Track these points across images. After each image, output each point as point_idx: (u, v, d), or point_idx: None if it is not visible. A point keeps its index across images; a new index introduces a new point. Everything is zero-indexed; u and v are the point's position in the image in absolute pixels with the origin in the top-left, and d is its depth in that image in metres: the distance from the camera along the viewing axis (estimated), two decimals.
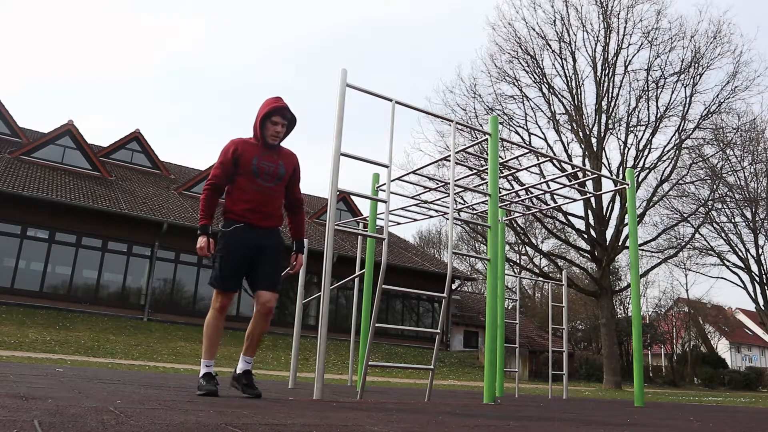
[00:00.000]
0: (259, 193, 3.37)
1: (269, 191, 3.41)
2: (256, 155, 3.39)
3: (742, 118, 22.23)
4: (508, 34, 22.12)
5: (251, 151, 3.39)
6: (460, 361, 21.59)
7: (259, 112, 3.43)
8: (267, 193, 3.40)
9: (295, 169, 3.57)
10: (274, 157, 3.46)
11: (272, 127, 3.41)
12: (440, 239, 46.76)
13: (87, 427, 1.54)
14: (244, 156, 3.36)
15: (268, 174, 3.40)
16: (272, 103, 3.42)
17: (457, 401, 4.75)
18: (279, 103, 3.43)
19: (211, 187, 3.40)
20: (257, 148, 3.42)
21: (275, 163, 3.44)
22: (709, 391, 24.23)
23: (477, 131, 14.43)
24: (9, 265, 16.84)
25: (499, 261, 6.85)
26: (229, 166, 3.38)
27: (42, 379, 3.81)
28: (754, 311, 33.56)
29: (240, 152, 3.37)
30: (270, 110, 3.39)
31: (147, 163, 24.45)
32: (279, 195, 3.48)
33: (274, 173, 3.42)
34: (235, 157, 3.36)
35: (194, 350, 14.22)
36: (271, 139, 3.43)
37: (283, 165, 3.47)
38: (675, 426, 3.18)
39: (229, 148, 3.40)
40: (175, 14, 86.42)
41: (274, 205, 3.45)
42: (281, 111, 3.42)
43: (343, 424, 2.06)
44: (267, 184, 3.40)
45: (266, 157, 3.42)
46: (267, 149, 3.44)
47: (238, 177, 3.38)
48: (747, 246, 27.60)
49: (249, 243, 3.34)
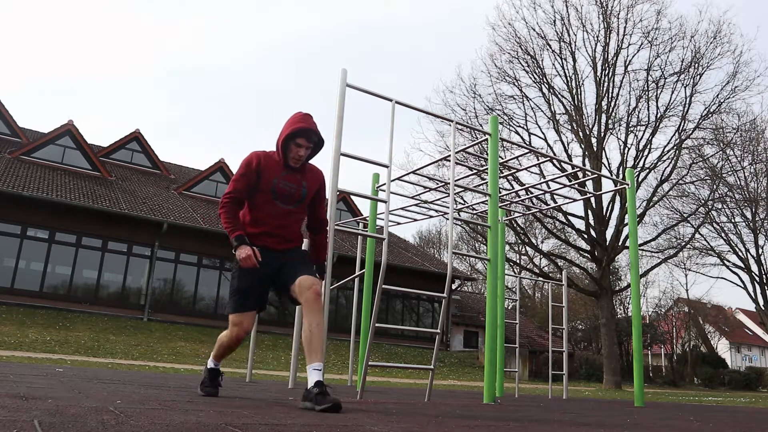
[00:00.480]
0: (276, 216, 3.10)
1: (288, 214, 3.14)
2: (277, 175, 3.09)
3: (742, 118, 22.25)
4: (508, 34, 22.14)
5: (273, 168, 3.09)
6: (460, 361, 21.59)
7: (284, 129, 3.10)
8: (285, 216, 3.13)
9: (320, 187, 3.27)
10: (297, 177, 3.15)
11: (295, 149, 3.07)
12: (440, 239, 46.78)
13: (87, 427, 1.54)
14: (266, 173, 3.07)
15: (288, 196, 3.11)
16: (298, 123, 3.07)
17: (457, 401, 4.75)
18: (305, 123, 3.07)
19: (231, 200, 3.07)
20: (279, 167, 3.11)
21: (297, 184, 3.14)
22: (709, 391, 24.23)
23: (477, 131, 14.43)
24: (9, 265, 16.84)
25: (499, 261, 6.86)
26: (253, 178, 3.06)
27: (42, 379, 3.81)
28: (754, 311, 33.56)
29: (263, 167, 3.07)
30: (294, 131, 3.04)
31: (147, 163, 24.46)
32: (298, 218, 3.21)
33: (295, 195, 3.14)
34: (258, 171, 3.06)
35: (194, 350, 14.22)
36: (292, 162, 3.10)
37: (306, 186, 3.17)
38: (675, 426, 3.18)
39: (252, 160, 3.08)
40: (175, 14, 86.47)
41: (292, 228, 3.18)
42: (307, 133, 3.07)
43: (343, 424, 2.06)
44: (286, 207, 3.12)
45: (288, 177, 3.12)
46: (289, 169, 3.13)
47: (257, 194, 3.09)
48: (747, 246, 27.62)
49: (267, 264, 3.06)
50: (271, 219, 3.10)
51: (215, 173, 23.94)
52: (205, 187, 23.62)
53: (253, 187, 3.09)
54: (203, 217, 20.26)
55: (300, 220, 3.24)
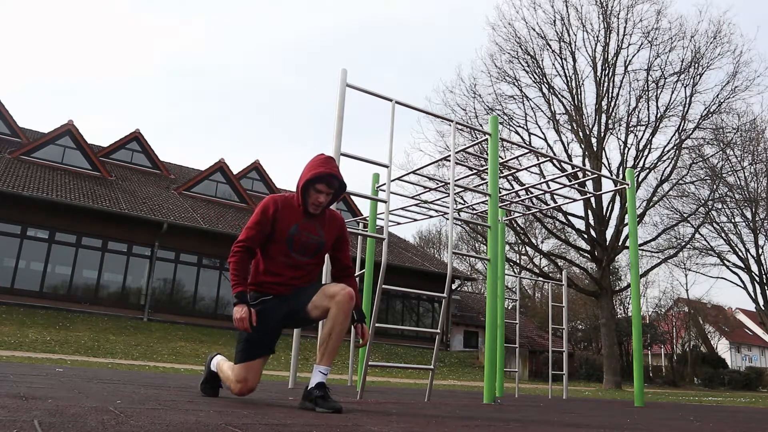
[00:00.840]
0: (291, 268, 2.95)
1: (303, 266, 2.98)
2: (295, 223, 2.94)
3: (742, 118, 22.28)
4: (508, 34, 22.17)
5: (291, 216, 2.94)
6: (460, 361, 21.60)
7: (304, 173, 2.95)
8: (300, 268, 2.97)
9: (341, 233, 3.11)
10: (316, 227, 2.99)
11: (315, 195, 2.92)
12: (440, 239, 46.78)
13: (87, 427, 1.54)
14: (283, 221, 2.92)
15: (304, 247, 2.95)
16: (318, 168, 2.92)
17: (457, 401, 4.75)
18: (326, 168, 2.92)
19: (243, 249, 2.88)
20: (298, 215, 2.96)
21: (316, 234, 2.98)
22: (709, 391, 24.23)
23: (477, 131, 14.43)
24: (9, 265, 16.84)
25: (499, 261, 6.86)
26: (267, 227, 2.91)
27: (42, 379, 3.81)
28: (754, 311, 33.57)
29: (279, 215, 2.92)
30: (314, 177, 2.89)
31: (147, 163, 24.46)
32: (314, 269, 3.05)
33: (313, 247, 2.98)
34: (274, 219, 2.91)
35: (194, 350, 14.23)
36: (312, 208, 2.95)
37: (324, 235, 3.01)
38: (675, 426, 3.18)
39: (269, 206, 2.93)
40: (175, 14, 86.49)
41: (307, 279, 3.01)
42: (327, 179, 2.92)
43: (343, 424, 2.06)
44: (302, 258, 2.96)
45: (306, 226, 2.96)
46: (308, 216, 2.98)
47: (271, 244, 2.93)
48: (747, 246, 27.63)
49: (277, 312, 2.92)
50: (285, 270, 2.94)
51: (215, 173, 23.94)
52: (205, 187, 23.62)
53: (267, 235, 2.93)
54: (203, 217, 20.26)
55: (316, 271, 3.09)
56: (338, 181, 2.98)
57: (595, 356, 27.02)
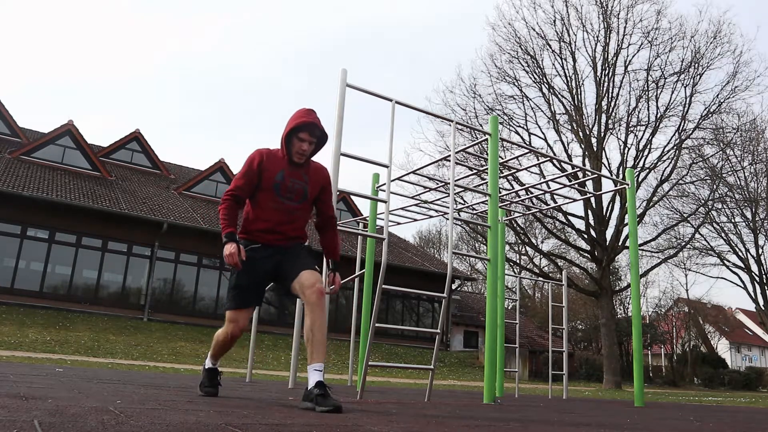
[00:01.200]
0: (279, 213, 3.07)
1: (291, 211, 3.11)
2: (281, 170, 3.08)
3: (742, 118, 22.28)
4: (508, 34, 22.17)
5: (277, 165, 3.09)
6: (460, 361, 21.60)
7: (287, 124, 3.10)
8: (289, 213, 3.10)
9: (324, 185, 3.24)
10: (302, 174, 3.14)
11: (298, 143, 3.06)
12: (440, 239, 46.77)
13: (87, 427, 1.54)
14: (269, 170, 3.07)
15: (291, 192, 3.09)
16: (301, 117, 3.07)
17: (457, 401, 4.75)
18: (309, 117, 3.07)
19: (232, 197, 3.05)
20: (283, 163, 3.10)
21: (302, 181, 3.13)
22: (709, 391, 24.23)
23: (477, 131, 14.42)
24: (9, 265, 16.84)
25: (499, 261, 6.86)
26: (254, 178, 3.06)
27: (42, 379, 3.81)
28: (754, 311, 33.57)
29: (266, 165, 3.07)
30: (297, 125, 3.04)
31: (147, 163, 24.45)
32: (302, 215, 3.17)
33: (299, 192, 3.11)
34: (260, 170, 3.06)
35: (194, 350, 14.22)
36: (296, 157, 3.09)
37: (309, 182, 3.15)
38: (675, 426, 3.18)
39: (254, 158, 3.08)
40: (175, 14, 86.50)
41: (295, 225, 3.13)
42: (310, 127, 3.05)
43: (343, 424, 2.06)
44: (290, 203, 3.10)
45: (292, 173, 3.10)
46: (293, 165, 3.12)
47: (259, 192, 3.08)
48: (747, 246, 27.63)
49: (266, 263, 3.05)
50: (273, 216, 3.07)
51: (215, 173, 23.95)
52: (205, 187, 23.62)
53: (255, 186, 3.08)
54: (203, 217, 20.26)
55: (304, 218, 3.20)
56: (320, 130, 3.11)
57: (595, 356, 27.02)
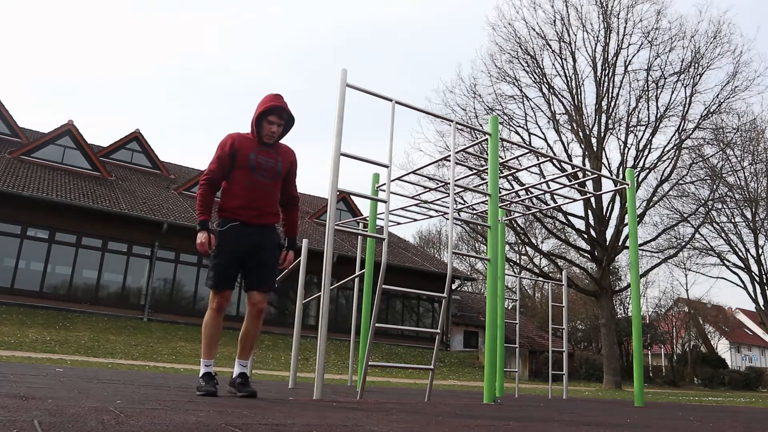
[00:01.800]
0: (254, 189, 3.31)
1: (265, 187, 3.35)
2: (253, 150, 3.34)
3: (742, 118, 22.27)
4: (508, 34, 22.16)
5: (249, 146, 3.34)
6: (460, 361, 21.59)
7: (257, 109, 3.36)
8: (262, 189, 3.34)
9: (292, 165, 3.51)
10: (272, 153, 3.40)
11: (268, 126, 3.33)
12: (440, 239, 46.77)
13: (87, 427, 1.54)
14: (242, 150, 3.31)
15: (265, 170, 3.34)
16: (269, 102, 3.34)
17: (457, 401, 4.75)
18: (276, 102, 3.35)
19: (207, 181, 3.35)
20: (255, 144, 3.37)
21: (273, 159, 3.38)
22: (709, 391, 24.23)
23: (477, 131, 14.42)
24: (9, 265, 16.84)
25: (499, 261, 6.85)
26: (226, 161, 3.33)
27: (42, 379, 3.81)
28: (754, 311, 33.56)
29: (237, 146, 3.32)
30: (266, 109, 3.32)
31: (147, 163, 24.44)
32: (275, 191, 3.43)
33: (272, 169, 3.37)
34: (233, 152, 3.31)
35: (194, 350, 14.23)
36: (266, 138, 3.36)
37: (281, 161, 3.42)
38: (675, 426, 3.18)
39: (226, 142, 3.34)
40: (175, 14, 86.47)
41: (269, 201, 3.38)
42: (278, 111, 3.34)
43: (343, 424, 2.06)
44: (264, 180, 3.34)
45: (263, 152, 3.36)
46: (264, 145, 3.39)
47: (235, 171, 3.33)
48: (747, 246, 27.62)
49: (243, 241, 3.29)
50: (248, 192, 3.30)
51: None
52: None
53: (228, 168, 3.34)
54: None
55: (275, 194, 3.43)
56: (287, 113, 3.39)
57: (595, 356, 27.01)
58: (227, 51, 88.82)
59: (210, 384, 3.23)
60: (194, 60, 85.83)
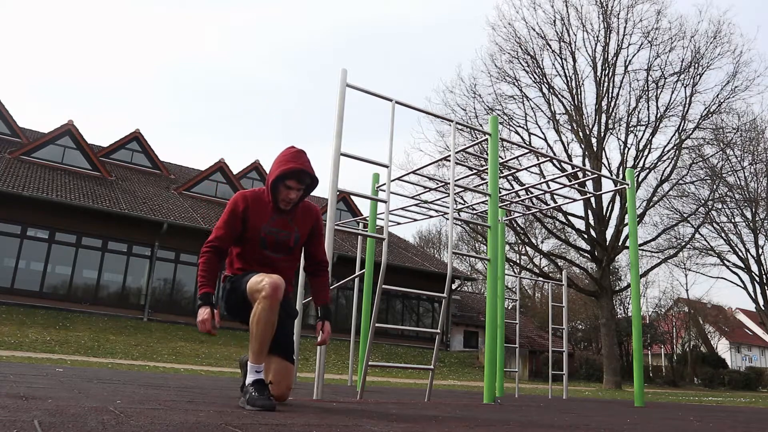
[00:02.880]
0: (265, 266, 2.83)
1: (277, 263, 2.88)
2: (266, 221, 2.85)
3: (742, 118, 22.28)
4: (508, 34, 22.15)
5: (262, 212, 2.86)
6: (460, 361, 21.59)
7: (273, 168, 2.85)
8: (274, 266, 2.86)
9: (314, 228, 3.02)
10: (288, 222, 2.91)
11: (285, 192, 2.83)
12: (440, 239, 46.77)
13: (87, 427, 1.54)
14: (253, 218, 2.84)
15: (277, 245, 2.87)
16: (288, 163, 2.81)
17: (457, 401, 4.75)
18: (297, 164, 2.82)
19: (213, 249, 2.80)
20: (269, 211, 2.87)
21: (289, 230, 2.90)
22: (709, 391, 24.23)
23: (477, 131, 14.42)
24: (9, 265, 16.83)
25: (499, 261, 6.85)
26: (237, 226, 2.83)
27: (42, 379, 3.81)
28: (754, 311, 33.56)
29: (250, 212, 2.84)
30: (284, 173, 2.79)
31: (147, 163, 24.44)
32: (290, 266, 2.97)
33: (285, 244, 2.89)
34: (245, 216, 2.83)
35: (194, 350, 14.23)
36: (282, 204, 2.87)
37: (298, 230, 2.94)
38: (675, 426, 3.18)
39: (238, 205, 2.84)
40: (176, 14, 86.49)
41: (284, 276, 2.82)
42: (298, 175, 2.82)
43: (343, 424, 2.06)
44: (275, 256, 2.88)
45: (278, 222, 2.88)
46: (280, 212, 2.90)
47: (243, 243, 2.87)
48: (747, 246, 27.62)
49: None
50: (259, 268, 2.81)
51: (215, 173, 23.93)
52: (205, 187, 23.61)
53: (238, 234, 2.86)
54: (203, 217, 20.26)
55: (291, 268, 3.00)
56: (309, 177, 2.88)
57: (595, 356, 27.01)
58: (227, 51, 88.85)
59: (264, 396, 2.53)
60: (194, 60, 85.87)
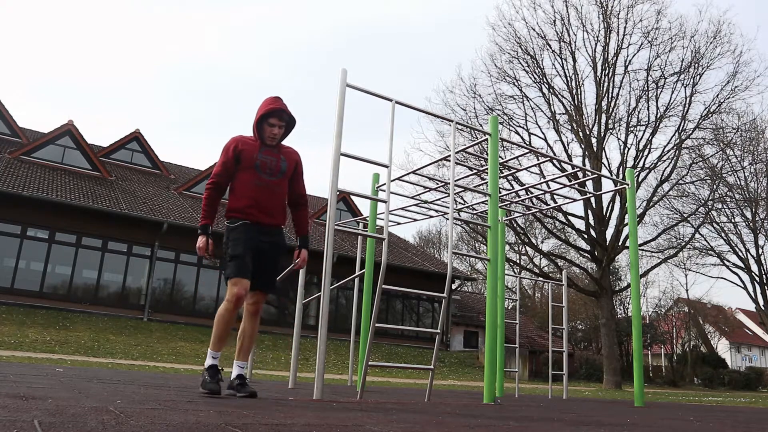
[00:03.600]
0: (261, 189, 3.37)
1: (272, 186, 3.40)
2: (257, 151, 3.41)
3: (742, 118, 22.26)
4: (508, 34, 22.15)
5: (252, 149, 3.41)
6: (460, 361, 21.59)
7: (258, 112, 3.43)
8: (270, 189, 3.39)
9: (297, 164, 3.57)
10: (276, 153, 3.47)
11: (269, 128, 3.41)
12: (440, 239, 46.76)
13: (87, 427, 1.54)
14: (246, 152, 3.38)
15: (270, 168, 3.40)
16: (269, 105, 3.41)
17: (457, 401, 4.75)
18: (276, 104, 3.41)
19: (214, 186, 3.42)
20: (258, 146, 3.44)
21: (277, 158, 3.45)
22: (709, 391, 24.23)
23: (477, 131, 14.42)
24: (9, 265, 16.83)
25: (499, 261, 6.85)
26: (231, 164, 3.40)
27: (42, 379, 3.81)
28: (754, 311, 33.57)
29: (241, 148, 3.39)
30: (267, 112, 3.39)
31: (147, 163, 24.44)
32: (282, 190, 3.48)
33: (276, 168, 3.42)
34: (236, 154, 3.38)
35: (194, 350, 14.23)
36: (268, 140, 3.44)
37: (285, 160, 3.48)
38: (675, 426, 3.18)
39: (230, 145, 3.41)
40: (176, 14, 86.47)
41: (277, 201, 3.44)
42: (278, 113, 3.41)
43: (343, 424, 2.06)
44: (269, 179, 3.40)
45: (267, 152, 3.43)
46: (267, 147, 3.46)
47: (241, 173, 3.40)
48: (747, 246, 27.62)
49: (253, 240, 3.34)
50: (255, 192, 3.35)
51: None
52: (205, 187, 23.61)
53: (233, 171, 3.41)
54: None
55: (282, 193, 3.48)
56: (288, 115, 3.46)
57: (595, 356, 27.01)
58: (227, 51, 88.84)
59: (214, 381, 3.20)
60: (194, 60, 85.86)
